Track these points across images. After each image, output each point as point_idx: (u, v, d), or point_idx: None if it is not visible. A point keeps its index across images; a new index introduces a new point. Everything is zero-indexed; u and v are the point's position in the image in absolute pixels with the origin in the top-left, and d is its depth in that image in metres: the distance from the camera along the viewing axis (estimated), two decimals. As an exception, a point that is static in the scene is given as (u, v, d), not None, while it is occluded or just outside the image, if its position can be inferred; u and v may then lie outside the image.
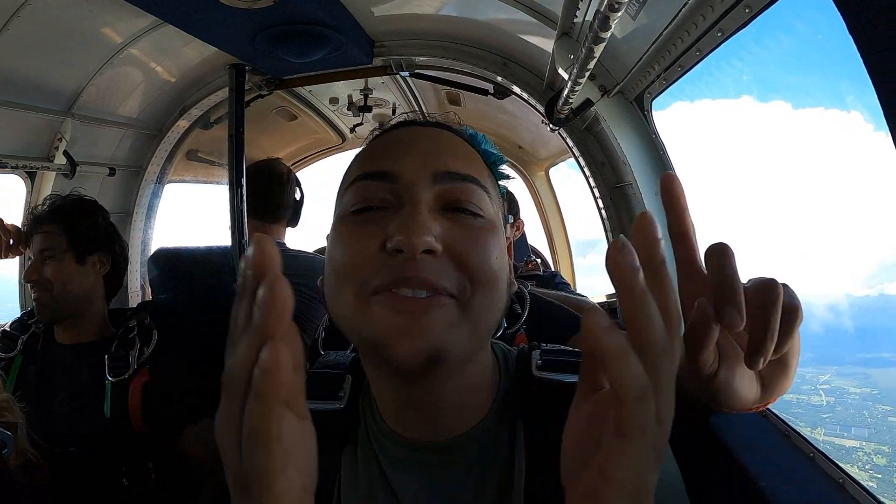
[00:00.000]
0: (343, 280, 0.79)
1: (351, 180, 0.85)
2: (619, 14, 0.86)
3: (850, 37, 0.53)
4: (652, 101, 1.86)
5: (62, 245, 2.03)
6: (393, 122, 0.99)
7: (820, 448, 1.29)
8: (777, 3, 1.13)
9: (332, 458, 0.95)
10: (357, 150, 0.96)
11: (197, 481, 2.12)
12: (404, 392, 0.87)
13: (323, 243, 4.64)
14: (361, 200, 0.82)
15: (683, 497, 0.96)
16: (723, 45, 1.39)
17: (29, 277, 2.02)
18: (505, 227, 0.93)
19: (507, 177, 1.06)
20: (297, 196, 3.04)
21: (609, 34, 0.99)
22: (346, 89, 3.90)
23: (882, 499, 1.08)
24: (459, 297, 0.77)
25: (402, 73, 2.85)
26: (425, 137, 0.88)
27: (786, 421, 1.45)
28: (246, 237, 2.62)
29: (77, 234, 2.05)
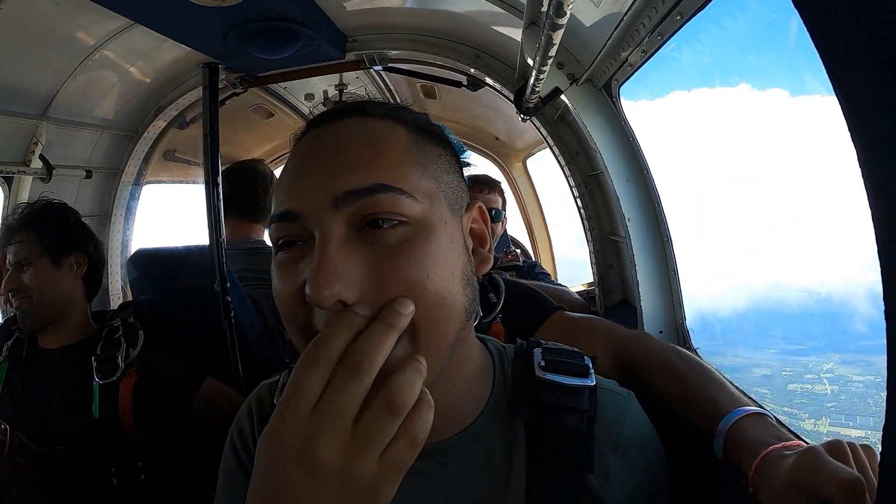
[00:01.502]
0: (287, 319, 0.78)
1: (269, 220, 0.81)
2: (565, 18, 0.87)
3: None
4: (619, 87, 1.89)
5: (36, 251, 2.01)
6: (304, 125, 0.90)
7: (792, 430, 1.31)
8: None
9: None
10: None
11: (187, 480, 2.14)
12: None
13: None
14: (280, 238, 0.78)
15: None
16: (684, 28, 1.42)
17: (8, 287, 2.00)
18: (466, 209, 0.86)
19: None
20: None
21: (566, 20, 1.01)
22: (321, 85, 3.91)
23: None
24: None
25: (376, 67, 2.85)
26: (323, 148, 0.80)
27: (759, 403, 1.48)
28: (223, 235, 2.61)
29: (49, 238, 2.04)
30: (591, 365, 0.98)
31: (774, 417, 1.06)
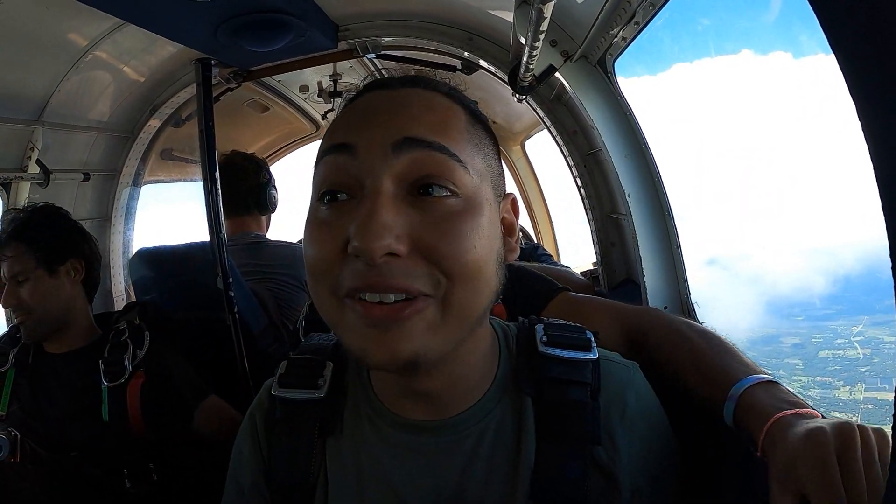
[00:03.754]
0: (316, 280, 0.79)
1: (318, 156, 0.82)
2: None
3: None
4: (614, 62, 1.88)
5: (31, 264, 1.98)
6: (360, 87, 0.91)
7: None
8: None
9: (315, 449, 0.95)
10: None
11: (199, 480, 2.14)
12: (395, 380, 0.88)
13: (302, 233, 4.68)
14: (325, 182, 0.78)
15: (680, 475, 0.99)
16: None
17: (7, 304, 2.00)
18: (501, 200, 0.88)
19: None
20: (265, 183, 3.07)
21: (551, 5, 1.00)
22: (315, 76, 3.90)
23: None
24: (435, 294, 0.74)
25: (369, 56, 2.84)
26: (389, 101, 0.81)
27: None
28: (223, 232, 2.61)
29: (42, 248, 2.01)
30: (593, 339, 0.98)
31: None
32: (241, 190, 2.98)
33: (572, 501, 0.86)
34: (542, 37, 1.32)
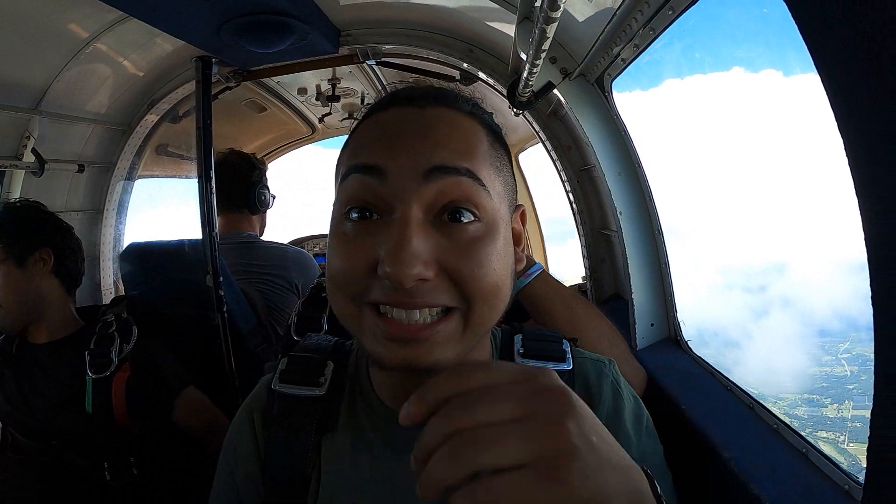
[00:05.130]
0: (339, 289, 0.81)
1: (346, 170, 0.83)
2: (559, 11, 0.89)
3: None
4: (612, 82, 1.90)
5: (0, 257, 2.01)
6: (386, 96, 0.93)
7: (783, 419, 1.35)
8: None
9: (311, 444, 0.97)
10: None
11: (179, 475, 2.15)
12: (407, 383, 0.90)
13: (294, 235, 4.66)
14: (353, 199, 0.81)
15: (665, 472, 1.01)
16: (675, 22, 1.43)
17: None
18: (512, 212, 0.91)
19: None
20: (255, 182, 3.09)
21: (559, 13, 1.03)
22: (313, 79, 3.92)
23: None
24: (458, 308, 0.79)
25: (369, 62, 2.86)
26: (417, 124, 0.83)
27: (750, 394, 1.51)
28: (216, 230, 2.62)
29: (9, 240, 2.03)
30: (569, 349, 1.03)
31: None
32: (233, 188, 3.00)
33: None
34: (543, 55, 1.35)
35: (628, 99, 1.97)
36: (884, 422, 0.54)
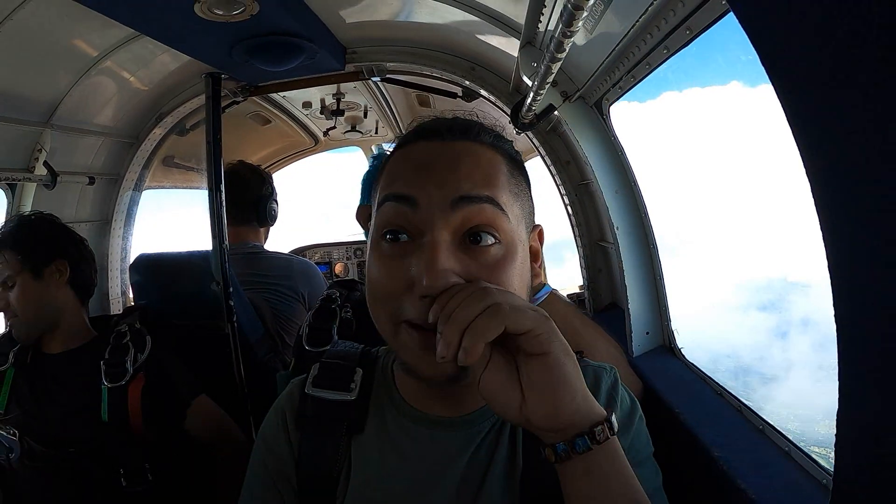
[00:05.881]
0: (378, 303, 0.91)
1: (382, 197, 0.93)
2: (572, 39, 0.97)
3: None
4: (610, 106, 1.99)
5: (17, 268, 2.04)
6: (413, 129, 1.03)
7: (769, 421, 1.44)
8: (714, 26, 1.28)
9: (341, 445, 1.05)
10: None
11: (194, 481, 2.20)
12: (434, 389, 1.00)
13: (300, 243, 4.69)
14: (389, 224, 0.90)
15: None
16: (669, 60, 1.53)
17: None
18: (530, 232, 1.00)
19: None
20: (267, 195, 3.13)
21: (564, 54, 1.11)
22: (318, 94, 3.99)
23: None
24: None
25: (374, 79, 2.93)
26: (445, 157, 0.92)
27: (739, 398, 1.60)
28: (226, 241, 2.68)
29: (26, 252, 2.07)
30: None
31: None
32: (243, 200, 3.04)
33: (555, 497, 0.96)
34: (547, 86, 1.44)
35: (624, 116, 2.05)
36: (847, 419, 0.60)
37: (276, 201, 3.23)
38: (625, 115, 2.04)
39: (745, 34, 0.58)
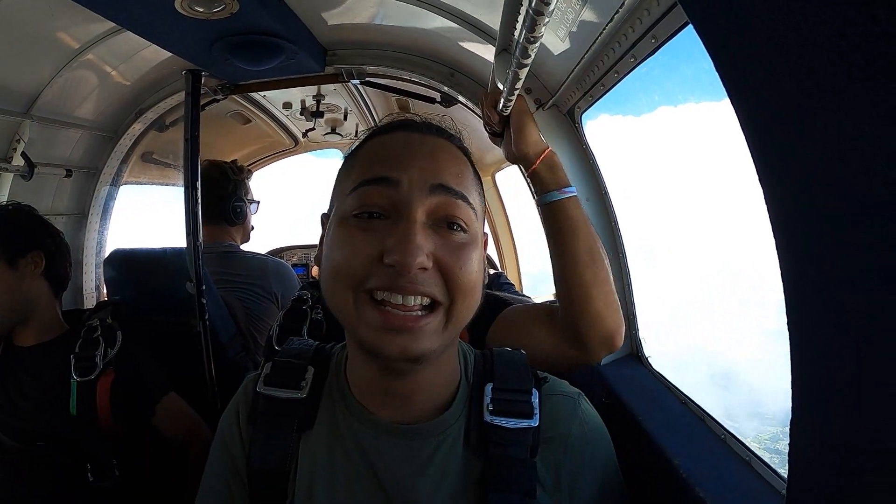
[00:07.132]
0: (341, 279, 0.93)
1: (353, 185, 0.97)
2: (536, 45, 1.00)
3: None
4: (582, 114, 2.02)
5: None
6: (389, 122, 1.11)
7: (731, 431, 1.47)
8: (677, 36, 1.32)
9: (291, 441, 1.06)
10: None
11: (160, 477, 2.19)
12: (385, 380, 1.01)
13: (276, 244, 4.69)
14: (363, 206, 0.95)
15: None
16: (637, 68, 1.57)
17: None
18: (483, 238, 1.06)
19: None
20: (230, 194, 3.12)
21: (530, 61, 1.14)
22: (299, 95, 4.01)
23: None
24: (444, 302, 0.93)
25: (354, 81, 2.95)
26: (426, 146, 1.00)
27: (703, 407, 1.63)
28: (201, 239, 2.67)
29: (2, 241, 2.06)
30: (536, 404, 1.08)
31: None
32: (212, 200, 3.03)
33: None
34: (516, 92, 1.47)
35: (595, 126, 2.09)
36: (800, 428, 0.62)
37: (243, 200, 3.22)
38: (596, 125, 2.08)
39: (701, 41, 0.59)
